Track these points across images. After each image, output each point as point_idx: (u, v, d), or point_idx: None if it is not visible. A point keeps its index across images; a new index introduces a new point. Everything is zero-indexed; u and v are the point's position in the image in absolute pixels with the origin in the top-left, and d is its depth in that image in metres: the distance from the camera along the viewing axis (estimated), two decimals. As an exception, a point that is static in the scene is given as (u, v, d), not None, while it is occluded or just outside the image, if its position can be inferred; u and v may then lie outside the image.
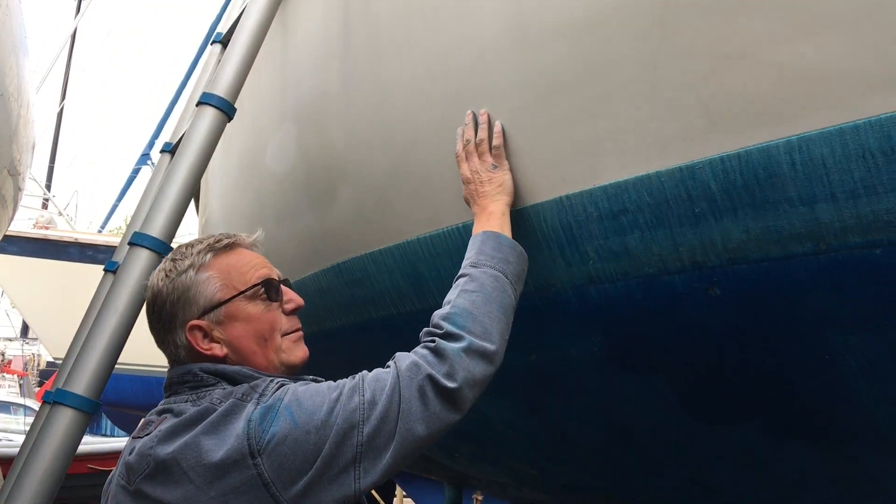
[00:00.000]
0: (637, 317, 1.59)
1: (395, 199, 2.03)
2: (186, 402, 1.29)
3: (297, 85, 2.39)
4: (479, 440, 2.44)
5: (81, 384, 1.66)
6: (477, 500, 6.72)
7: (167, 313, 1.36)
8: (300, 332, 1.47)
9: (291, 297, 1.44)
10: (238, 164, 2.91)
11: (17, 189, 3.07)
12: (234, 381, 1.31)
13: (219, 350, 1.34)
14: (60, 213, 12.92)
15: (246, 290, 1.36)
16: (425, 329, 1.43)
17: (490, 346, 1.38)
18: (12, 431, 12.70)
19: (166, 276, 1.38)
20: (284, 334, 1.41)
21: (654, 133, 1.43)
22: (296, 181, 2.41)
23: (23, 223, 11.40)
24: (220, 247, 1.40)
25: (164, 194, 1.77)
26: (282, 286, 1.44)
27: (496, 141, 1.65)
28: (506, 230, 1.58)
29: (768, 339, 1.43)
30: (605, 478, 2.16)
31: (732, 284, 1.40)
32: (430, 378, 1.29)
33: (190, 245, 1.42)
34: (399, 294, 2.12)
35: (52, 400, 1.65)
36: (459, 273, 1.52)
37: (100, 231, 15.15)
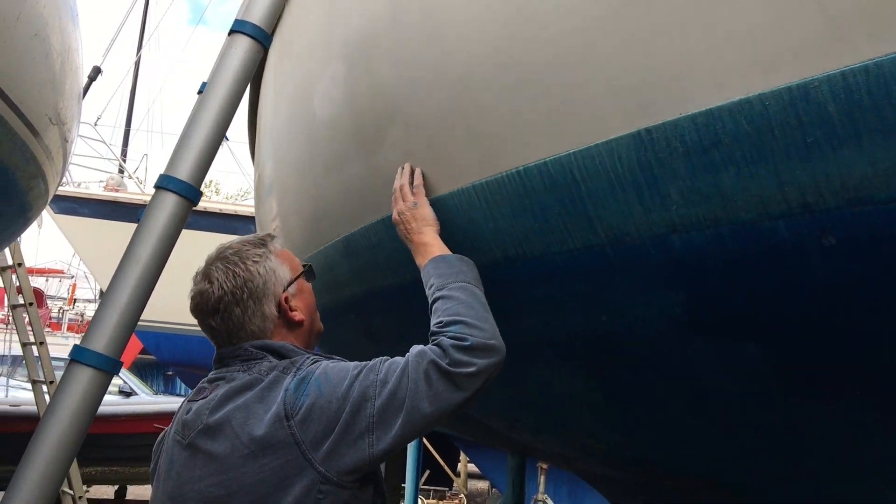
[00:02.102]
0: (729, 271, 1.35)
1: (446, 142, 1.82)
2: (238, 371, 1.52)
3: (344, 19, 2.18)
4: (539, 410, 2.24)
5: (101, 341, 1.51)
6: (542, 468, 6.55)
7: (259, 291, 1.60)
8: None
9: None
10: (288, 112, 2.73)
11: (64, 140, 2.96)
12: (278, 354, 1.55)
13: (298, 315, 1.64)
14: (130, 176, 13.11)
15: (302, 272, 1.70)
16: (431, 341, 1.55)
17: (492, 341, 1.52)
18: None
19: (236, 269, 1.60)
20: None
21: (758, 47, 1.17)
22: (343, 126, 2.21)
23: (94, 186, 11.61)
24: (270, 240, 1.71)
25: (192, 133, 1.59)
26: None
27: (416, 181, 1.89)
28: (444, 250, 1.79)
29: (894, 299, 1.17)
30: (678, 454, 1.93)
31: (852, 231, 1.15)
32: (435, 363, 1.44)
33: (239, 244, 1.67)
34: (453, 247, 1.91)
35: (70, 357, 1.51)
36: (432, 301, 1.67)
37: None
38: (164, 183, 1.53)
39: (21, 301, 5.96)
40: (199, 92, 2.05)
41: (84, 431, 1.48)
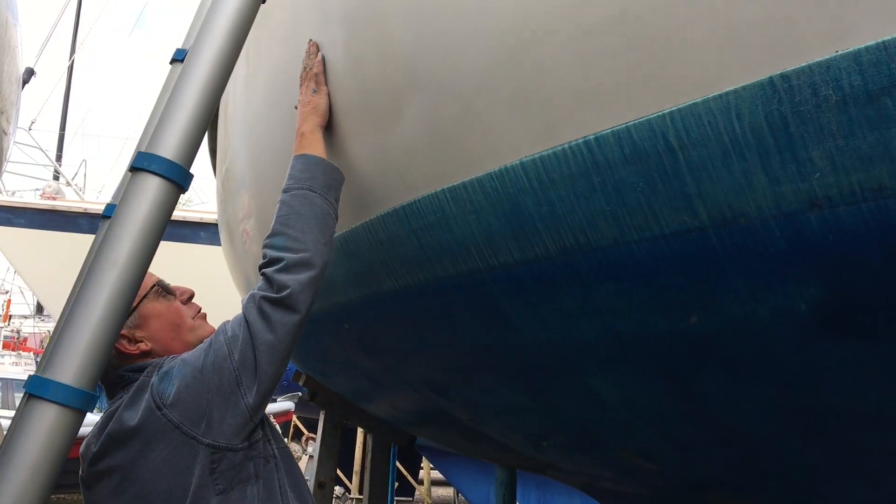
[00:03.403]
0: (892, 258, 1.06)
1: (487, 110, 1.49)
2: (120, 398, 1.53)
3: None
4: (584, 427, 1.93)
5: (68, 370, 1.16)
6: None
7: None
8: (203, 312, 1.75)
9: (183, 290, 1.74)
10: (266, 88, 2.38)
11: (2, 133, 2.54)
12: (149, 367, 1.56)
13: (144, 346, 1.60)
14: (69, 183, 12.38)
15: (147, 294, 1.62)
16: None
17: (306, 254, 1.59)
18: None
19: None
20: (193, 318, 1.71)
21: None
22: (345, 100, 1.88)
23: (29, 195, 10.90)
24: None
25: (176, 101, 1.24)
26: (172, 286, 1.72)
27: (316, 68, 1.91)
28: (316, 147, 1.81)
29: None
30: (766, 476, 1.65)
31: None
32: (263, 298, 1.53)
33: None
34: (490, 241, 1.59)
35: (26, 391, 1.14)
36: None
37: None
38: (144, 163, 1.18)
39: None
40: (174, 61, 1.69)
41: (48, 488, 1.12)
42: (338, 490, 9.33)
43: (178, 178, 1.20)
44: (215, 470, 1.44)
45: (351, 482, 10.59)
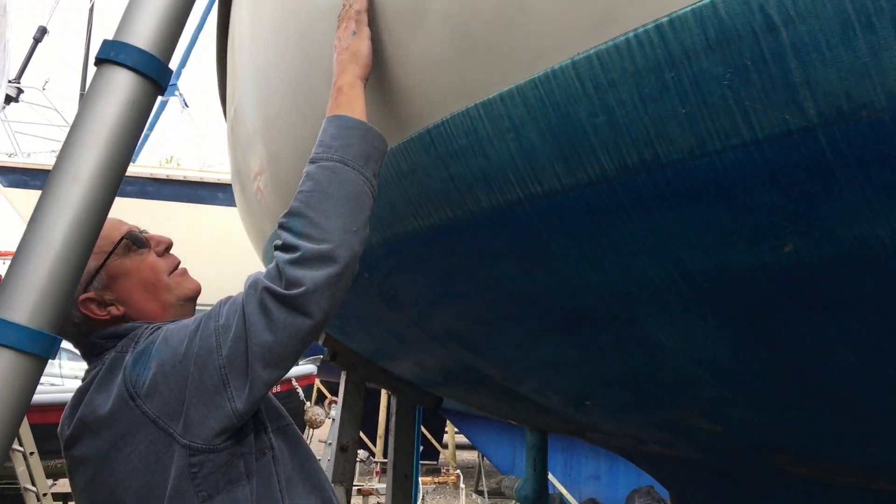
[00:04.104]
0: None
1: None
2: (92, 370, 1.37)
3: None
4: (638, 384, 1.69)
5: (23, 308, 0.93)
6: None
7: None
8: (183, 267, 1.51)
9: (159, 240, 1.49)
10: (274, 6, 2.12)
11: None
12: (122, 335, 1.38)
13: (115, 310, 1.40)
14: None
15: (115, 249, 1.41)
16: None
17: (327, 246, 1.30)
18: (50, 375, 12.27)
19: None
20: (170, 273, 1.47)
21: None
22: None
23: (44, 156, 10.72)
24: None
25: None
26: (145, 234, 1.48)
27: (359, 4, 1.54)
28: (354, 106, 1.47)
29: None
30: (860, 437, 1.40)
31: None
32: (268, 290, 1.27)
33: None
34: (532, 165, 1.34)
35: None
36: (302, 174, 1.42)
37: (133, 163, 14.36)
38: (111, 53, 0.95)
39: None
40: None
41: (8, 438, 0.90)
42: (361, 454, 9.23)
43: (154, 73, 0.96)
44: (196, 475, 1.25)
45: (375, 446, 10.51)
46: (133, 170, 10.63)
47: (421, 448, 10.56)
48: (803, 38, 0.93)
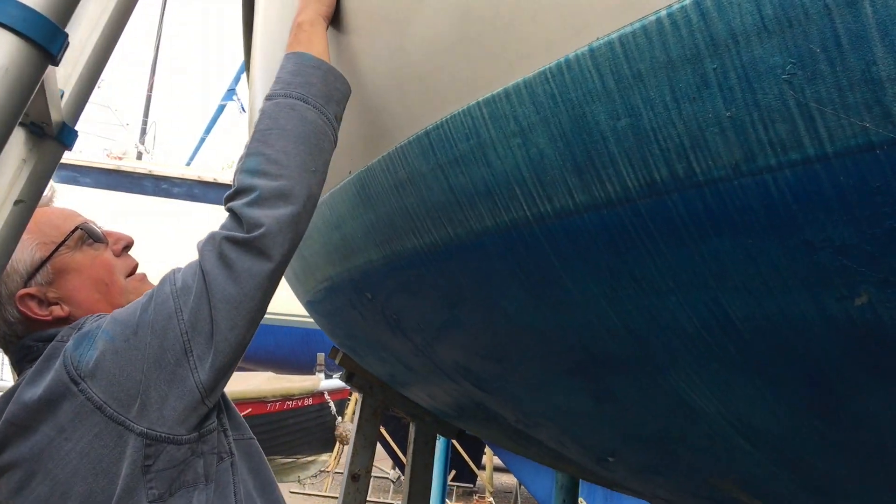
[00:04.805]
0: None
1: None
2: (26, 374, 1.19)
3: None
4: (666, 444, 1.42)
5: None
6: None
7: None
8: (143, 273, 1.37)
9: (118, 237, 1.35)
10: (283, 1, 1.92)
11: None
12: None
13: (59, 310, 1.23)
14: (139, 145, 12.32)
15: (66, 240, 1.26)
16: None
17: (286, 183, 1.19)
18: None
19: None
20: (127, 276, 1.33)
21: None
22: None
23: (97, 154, 10.81)
24: None
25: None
26: (103, 230, 1.34)
27: None
28: (314, 44, 1.34)
29: None
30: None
31: None
32: (226, 238, 1.15)
33: None
34: (541, 176, 1.10)
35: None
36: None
37: (187, 165, 14.49)
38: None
39: None
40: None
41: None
42: (392, 474, 9.00)
43: (39, 36, 0.75)
44: (150, 468, 1.09)
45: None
46: (183, 172, 10.67)
47: (453, 472, 10.25)
48: (893, 13, 0.67)
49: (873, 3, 0.68)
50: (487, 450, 11.53)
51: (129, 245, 1.38)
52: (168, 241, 9.61)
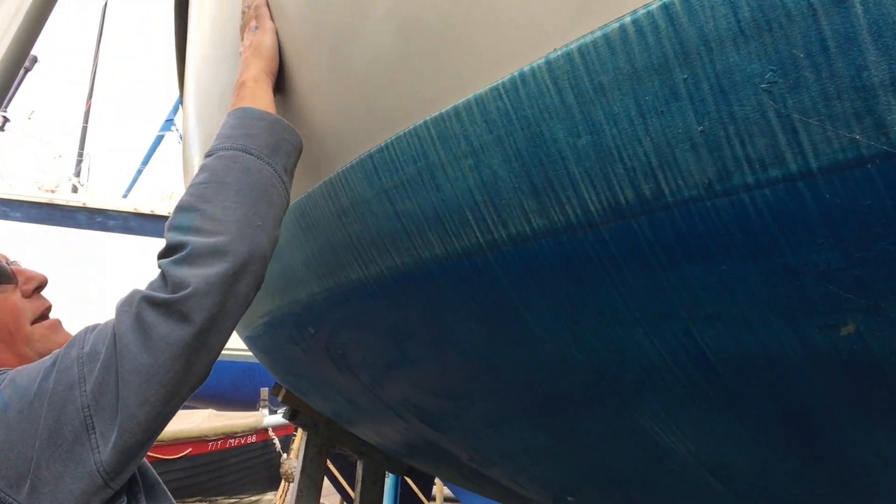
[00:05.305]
0: None
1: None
2: None
3: None
4: (632, 484, 1.34)
5: None
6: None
7: None
8: (56, 319, 1.23)
9: (29, 276, 1.22)
10: (213, 23, 1.82)
11: None
12: None
13: None
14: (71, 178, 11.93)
15: None
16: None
17: (221, 239, 1.04)
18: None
19: None
20: (35, 321, 1.19)
21: None
22: (296, 14, 1.31)
23: (28, 188, 10.41)
24: None
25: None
26: (13, 267, 1.21)
27: (257, 1, 1.37)
28: (258, 98, 1.23)
29: None
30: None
31: None
32: (145, 299, 1.01)
33: None
34: (495, 201, 1.02)
35: None
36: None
37: (124, 198, 14.10)
38: None
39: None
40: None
41: None
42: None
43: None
44: None
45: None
46: (119, 204, 10.34)
47: (402, 506, 10.05)
48: (888, 11, 0.61)
49: (864, 2, 0.62)
50: (437, 481, 11.37)
51: (41, 285, 1.23)
52: (102, 277, 9.28)
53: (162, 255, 1.06)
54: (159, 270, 1.05)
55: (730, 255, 0.80)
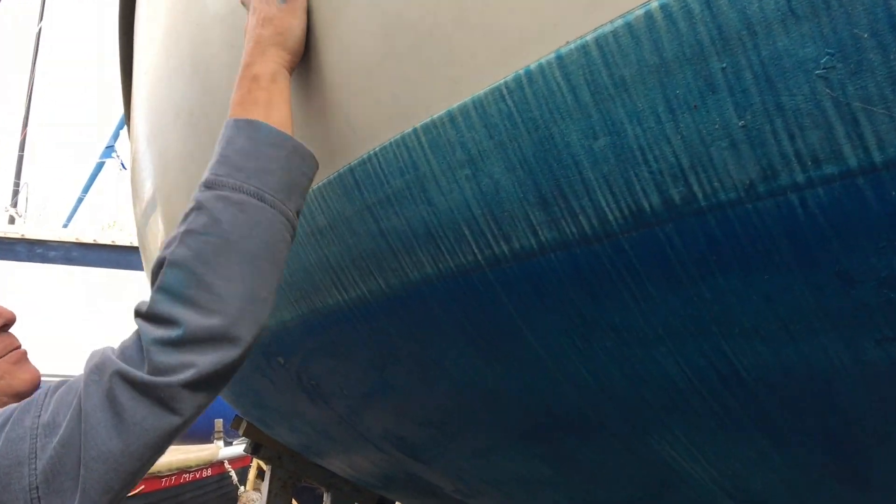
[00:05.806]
0: None
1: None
2: None
3: None
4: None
5: None
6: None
7: None
8: (20, 351, 1.11)
9: None
10: (165, 28, 1.70)
11: None
12: None
13: None
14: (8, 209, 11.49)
15: None
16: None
17: (219, 322, 0.89)
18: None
19: None
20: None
21: None
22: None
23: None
24: None
25: None
26: None
27: None
28: (275, 107, 1.00)
29: None
30: None
31: None
32: (120, 375, 0.86)
33: None
34: (496, 213, 0.93)
35: None
36: (192, 199, 0.96)
37: (65, 227, 13.66)
38: None
39: None
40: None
41: None
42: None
43: None
44: None
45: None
46: (60, 234, 9.98)
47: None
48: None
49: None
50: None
51: (8, 322, 1.11)
52: (45, 312, 8.92)
53: (144, 318, 0.91)
54: (136, 336, 0.91)
55: (773, 262, 0.72)
